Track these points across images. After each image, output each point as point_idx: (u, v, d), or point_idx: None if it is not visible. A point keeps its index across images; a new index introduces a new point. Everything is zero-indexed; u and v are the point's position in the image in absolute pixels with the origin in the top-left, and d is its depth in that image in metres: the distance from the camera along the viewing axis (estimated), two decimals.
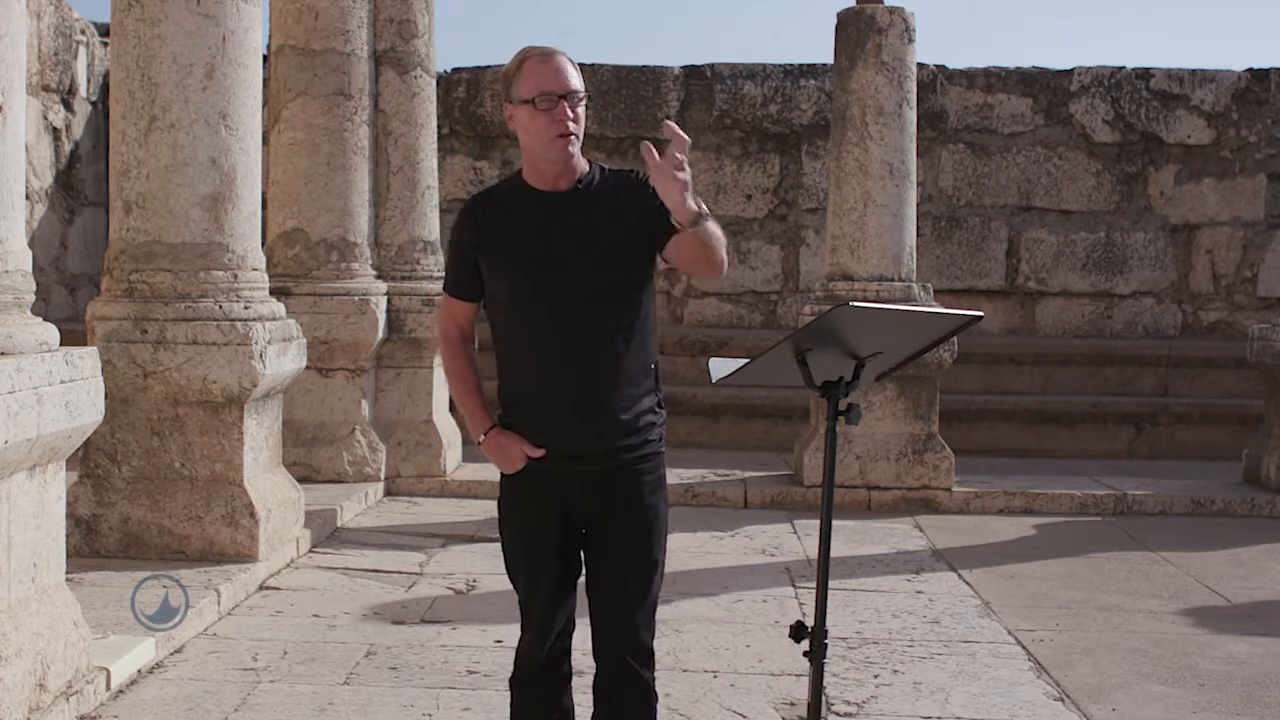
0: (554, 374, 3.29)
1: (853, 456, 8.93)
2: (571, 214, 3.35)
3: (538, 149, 3.33)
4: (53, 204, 11.94)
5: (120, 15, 6.30)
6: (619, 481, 3.36)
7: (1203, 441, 11.61)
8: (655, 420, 3.42)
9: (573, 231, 3.33)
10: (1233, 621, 6.27)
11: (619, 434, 3.34)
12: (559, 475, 3.36)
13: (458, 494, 9.01)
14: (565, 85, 3.28)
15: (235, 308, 6.38)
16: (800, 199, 12.86)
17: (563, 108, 3.27)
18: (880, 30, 9.00)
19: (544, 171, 3.37)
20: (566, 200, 3.36)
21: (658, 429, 3.43)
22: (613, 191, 3.37)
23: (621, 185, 3.39)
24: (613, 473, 3.36)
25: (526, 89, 3.29)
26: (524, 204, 3.38)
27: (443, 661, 5.29)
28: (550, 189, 3.37)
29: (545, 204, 3.37)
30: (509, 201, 3.41)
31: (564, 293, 3.28)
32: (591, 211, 3.35)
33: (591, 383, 3.28)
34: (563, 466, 3.35)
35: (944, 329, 3.28)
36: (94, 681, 4.59)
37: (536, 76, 3.28)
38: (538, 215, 3.36)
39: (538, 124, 3.29)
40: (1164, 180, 12.87)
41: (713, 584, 6.72)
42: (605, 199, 3.36)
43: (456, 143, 12.77)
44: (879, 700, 4.96)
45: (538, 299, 3.31)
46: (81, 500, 6.35)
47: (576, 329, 3.28)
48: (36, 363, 4.12)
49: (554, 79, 3.27)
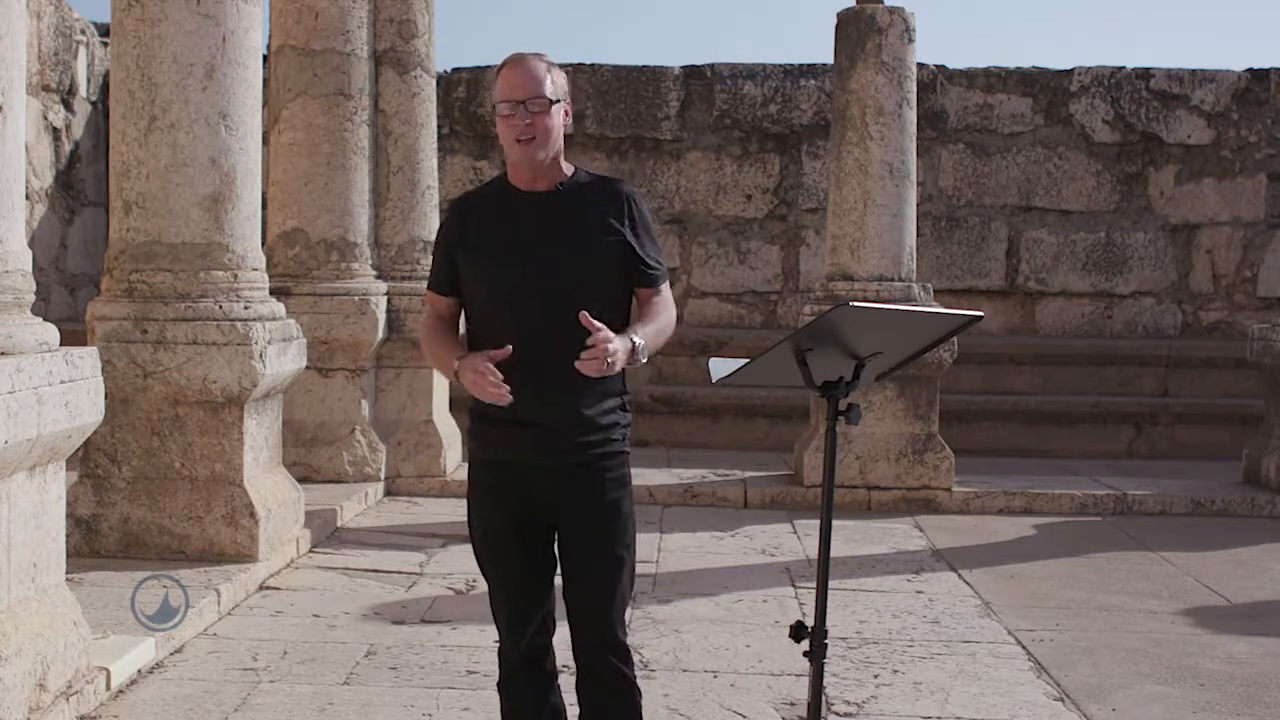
0: (518, 371, 3.28)
1: (853, 456, 8.93)
2: (547, 215, 3.40)
3: (508, 151, 3.44)
4: (53, 204, 11.94)
5: (120, 15, 6.30)
6: (580, 478, 3.39)
7: (1203, 441, 11.61)
8: (620, 420, 3.45)
9: (547, 232, 3.38)
10: (1233, 621, 6.27)
11: (582, 431, 3.37)
12: (522, 471, 3.40)
13: (458, 494, 8.97)
14: (524, 92, 3.35)
15: (235, 308, 6.38)
16: (800, 199, 12.86)
17: (520, 113, 3.34)
18: (880, 30, 9.01)
19: (522, 173, 3.44)
20: (544, 201, 3.42)
21: (621, 429, 3.46)
22: (593, 196, 3.43)
23: (603, 192, 3.45)
24: (574, 469, 3.38)
25: (497, 94, 3.42)
26: (503, 204, 3.46)
27: (443, 661, 5.30)
28: (529, 189, 3.44)
29: (523, 204, 3.43)
30: (490, 201, 3.49)
31: (534, 291, 3.33)
32: (568, 213, 3.40)
33: (555, 381, 3.30)
34: (525, 459, 3.38)
35: (944, 329, 3.29)
36: (94, 681, 4.60)
37: (503, 82, 3.40)
38: (515, 215, 3.42)
39: (503, 128, 3.40)
40: (1164, 180, 12.87)
41: (713, 584, 6.72)
42: (584, 202, 3.42)
43: (456, 143, 12.77)
44: (879, 700, 4.96)
45: (508, 296, 3.36)
46: (81, 500, 6.35)
47: (544, 327, 3.31)
48: (36, 363, 4.12)
49: (515, 85, 3.37)
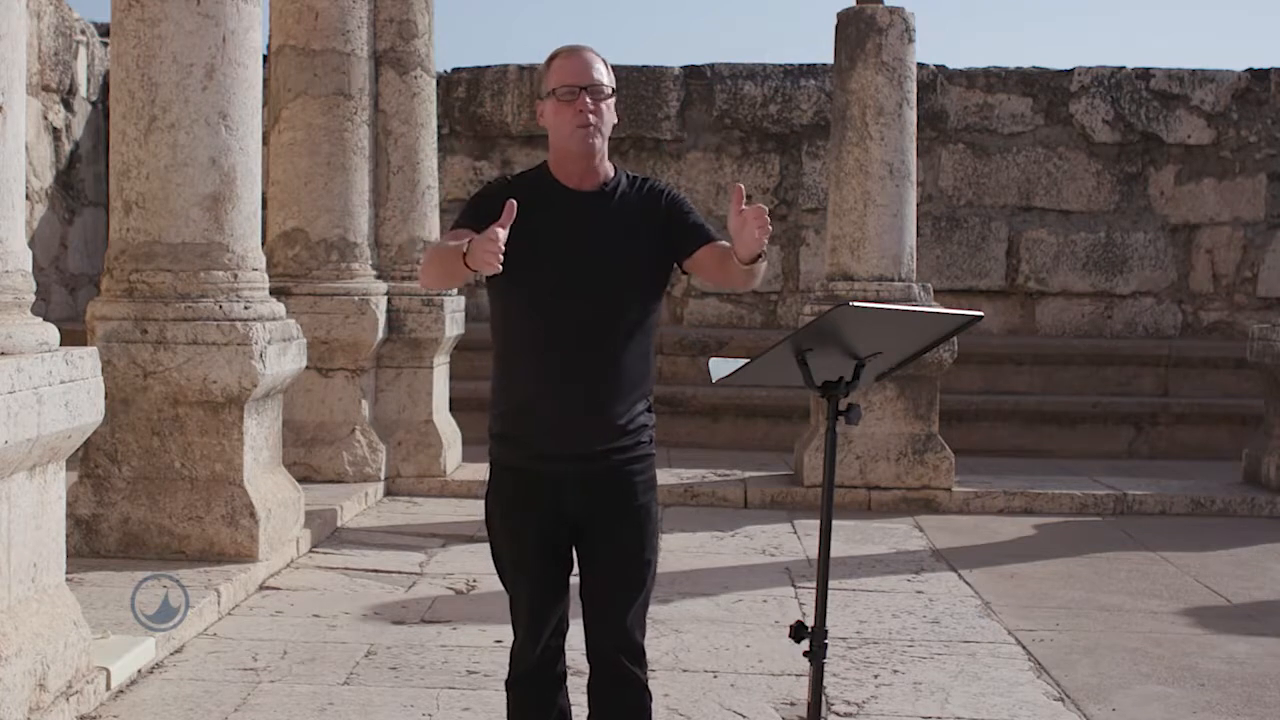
0: (557, 372, 3.29)
1: (853, 456, 8.93)
2: (595, 216, 3.36)
3: (561, 142, 3.35)
4: (53, 204, 11.94)
5: (120, 15, 6.30)
6: (612, 482, 3.37)
7: (1203, 441, 11.62)
8: (648, 423, 3.44)
9: (594, 233, 3.34)
10: (1233, 621, 6.27)
11: (614, 436, 3.35)
12: (551, 475, 3.36)
13: (458, 494, 9.00)
14: (587, 78, 3.31)
15: (235, 308, 6.38)
16: (800, 199, 12.86)
17: (583, 99, 3.29)
18: (880, 30, 9.01)
19: (569, 168, 3.37)
20: (591, 201, 3.37)
21: (649, 430, 3.45)
22: (636, 199, 3.40)
23: (644, 194, 3.41)
24: (606, 474, 3.36)
25: (552, 82, 3.33)
26: (550, 198, 3.37)
27: (443, 661, 5.30)
28: (576, 188, 3.38)
29: (571, 202, 3.37)
30: (542, 192, 3.38)
31: (577, 293, 3.28)
32: (614, 215, 3.36)
33: (593, 384, 3.29)
34: (556, 466, 3.35)
35: (944, 329, 3.28)
36: (94, 681, 4.59)
37: (561, 70, 3.32)
38: (563, 212, 3.36)
39: (560, 116, 3.32)
40: (1164, 180, 12.87)
41: (713, 584, 6.72)
42: (628, 205, 3.38)
43: (456, 143, 12.77)
44: (879, 700, 4.95)
45: (550, 296, 3.30)
46: (81, 500, 6.35)
47: (584, 329, 3.29)
48: (36, 363, 4.12)
49: (576, 72, 3.31)
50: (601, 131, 3.33)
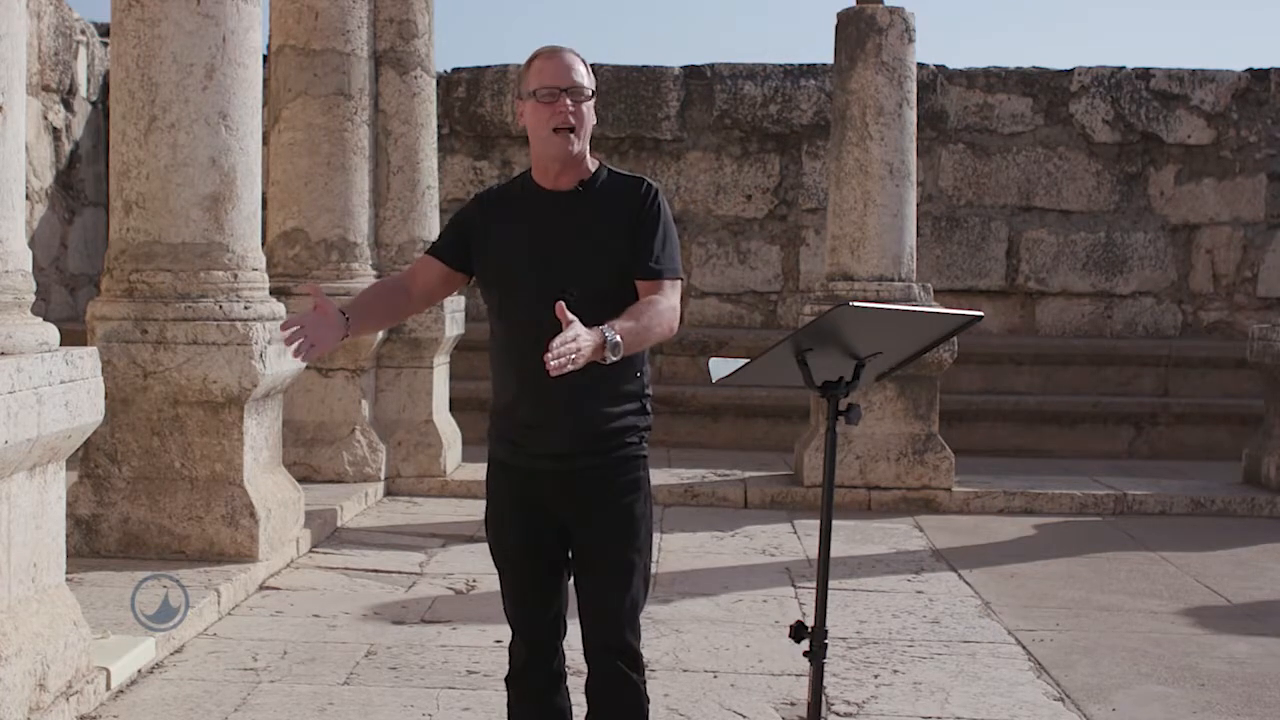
0: (531, 374, 3.19)
1: (853, 456, 8.93)
2: (568, 213, 3.34)
3: (539, 143, 3.34)
4: (53, 204, 11.94)
5: (120, 15, 6.30)
6: (590, 482, 3.35)
7: (1203, 441, 11.62)
8: (638, 424, 3.39)
9: (567, 230, 3.32)
10: (1233, 621, 6.27)
11: (592, 436, 3.33)
12: (534, 473, 3.38)
13: (458, 494, 9.01)
14: (568, 80, 3.30)
15: (235, 308, 6.38)
16: (800, 199, 12.86)
17: (563, 101, 3.29)
18: (880, 30, 9.01)
19: (547, 168, 3.37)
20: (564, 200, 3.36)
21: (640, 432, 3.40)
22: (612, 196, 3.36)
23: (623, 192, 3.37)
24: (583, 473, 3.34)
25: (532, 83, 3.33)
26: (526, 201, 3.39)
27: (443, 661, 5.30)
28: (552, 187, 3.37)
29: (545, 202, 3.37)
30: (514, 198, 3.42)
31: (549, 294, 3.18)
32: (589, 212, 3.34)
33: (568, 385, 3.17)
34: (538, 464, 3.36)
35: (944, 329, 3.28)
36: (94, 681, 4.60)
37: (542, 72, 3.32)
38: (536, 213, 3.36)
39: (539, 117, 3.31)
40: (1164, 180, 12.86)
41: (713, 584, 6.72)
42: (606, 201, 3.35)
43: (456, 143, 12.77)
44: (879, 700, 4.96)
45: (525, 296, 3.30)
46: (81, 500, 6.35)
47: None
48: (36, 363, 4.12)
49: (557, 74, 3.30)
50: (580, 133, 3.32)
